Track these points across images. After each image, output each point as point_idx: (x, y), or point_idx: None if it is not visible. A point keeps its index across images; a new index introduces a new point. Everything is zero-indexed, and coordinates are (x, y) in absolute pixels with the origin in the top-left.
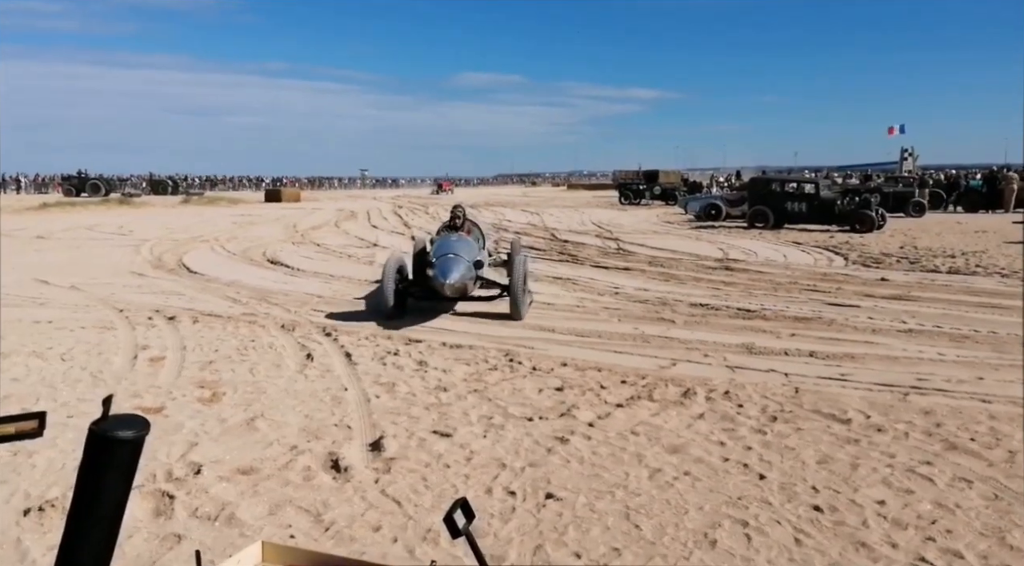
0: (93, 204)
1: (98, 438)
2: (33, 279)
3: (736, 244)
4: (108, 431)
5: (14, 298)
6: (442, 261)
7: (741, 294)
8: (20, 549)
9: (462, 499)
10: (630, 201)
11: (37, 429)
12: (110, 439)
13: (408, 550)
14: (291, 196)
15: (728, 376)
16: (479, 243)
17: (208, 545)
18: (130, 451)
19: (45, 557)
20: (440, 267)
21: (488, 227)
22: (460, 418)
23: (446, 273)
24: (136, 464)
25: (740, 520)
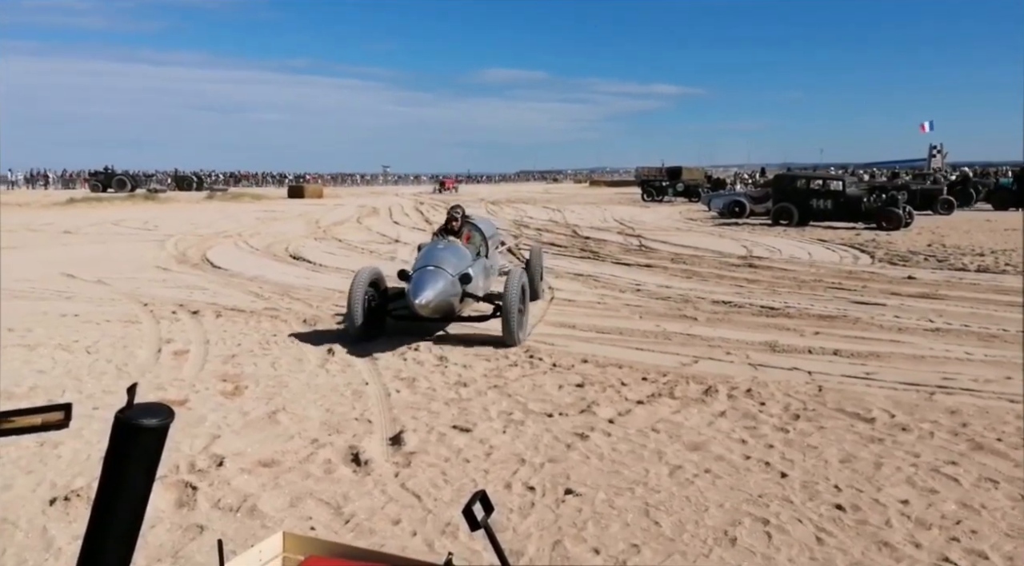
0: (119, 200)
1: (123, 426)
2: (60, 273)
3: (760, 241)
4: (133, 419)
5: (41, 291)
6: (418, 275)
7: (765, 292)
8: (46, 538)
9: (481, 492)
10: (653, 198)
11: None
12: (135, 427)
13: (427, 543)
14: (314, 192)
15: (750, 374)
16: (477, 251)
17: (230, 536)
18: (155, 439)
19: (71, 546)
20: (414, 282)
21: (497, 230)
22: (480, 413)
23: (418, 290)
24: (161, 452)
25: (761, 518)
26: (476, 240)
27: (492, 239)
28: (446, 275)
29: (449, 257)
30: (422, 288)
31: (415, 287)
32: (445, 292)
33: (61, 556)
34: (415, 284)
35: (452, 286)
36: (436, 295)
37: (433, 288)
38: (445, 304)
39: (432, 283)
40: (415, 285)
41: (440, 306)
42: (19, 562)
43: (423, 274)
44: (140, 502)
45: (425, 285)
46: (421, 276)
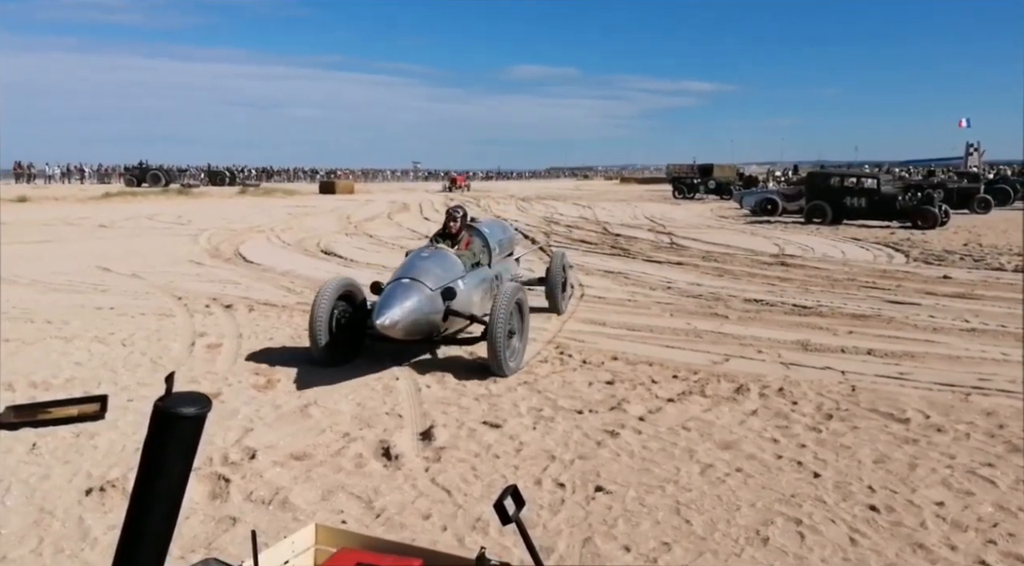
0: (153, 194)
1: (162, 414)
2: (96, 266)
3: (792, 240)
4: (172, 407)
5: (78, 284)
6: (389, 289)
7: (797, 290)
8: (82, 527)
9: (512, 487)
10: (684, 195)
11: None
12: (174, 415)
13: (457, 538)
14: (345, 188)
15: (782, 373)
16: (477, 260)
17: (262, 528)
18: (193, 427)
19: (106, 535)
20: (382, 299)
21: (511, 236)
22: (510, 409)
23: (384, 308)
24: (198, 440)
25: (793, 518)
26: (476, 247)
27: (502, 245)
28: (423, 289)
29: (432, 267)
30: (389, 305)
31: (381, 304)
32: (419, 310)
33: (97, 546)
34: (382, 300)
35: (430, 302)
36: (406, 314)
37: (402, 306)
38: (421, 324)
39: (403, 299)
40: (382, 301)
41: (414, 326)
42: (56, 551)
43: (395, 288)
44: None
45: (394, 302)
46: (392, 290)
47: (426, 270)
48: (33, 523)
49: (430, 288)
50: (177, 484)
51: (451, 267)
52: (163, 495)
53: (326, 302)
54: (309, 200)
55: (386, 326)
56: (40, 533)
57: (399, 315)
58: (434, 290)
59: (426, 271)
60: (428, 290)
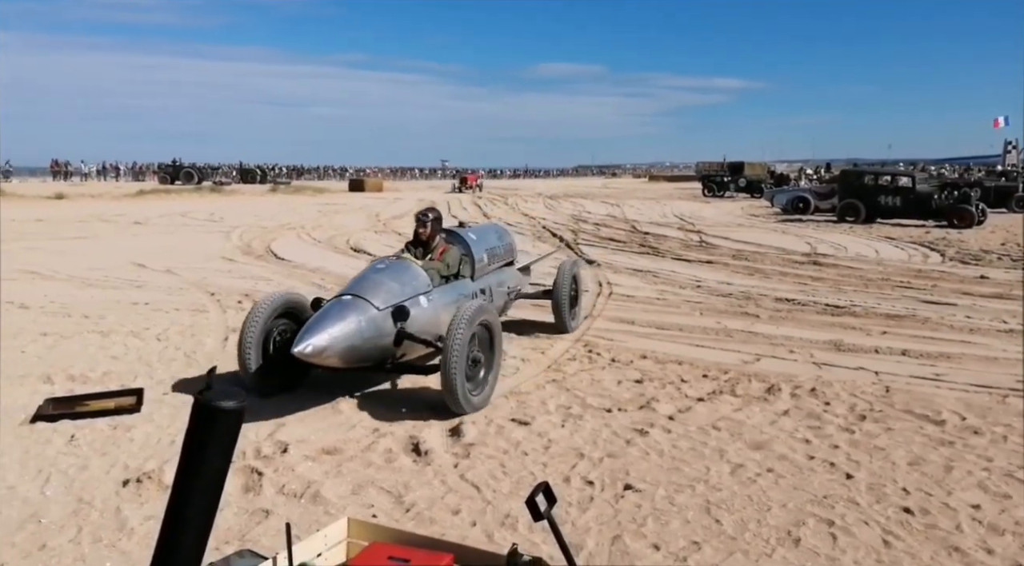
0: (186, 192)
1: (202, 407)
2: (131, 262)
3: (825, 238)
4: (212, 401)
5: (113, 280)
6: (325, 309)
7: (829, 290)
8: (119, 518)
9: (544, 483)
10: (714, 193)
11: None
12: (214, 409)
13: (487, 534)
14: (374, 186)
15: (815, 373)
16: (455, 273)
17: (294, 521)
18: (231, 420)
19: (143, 526)
20: (310, 320)
21: (505, 243)
22: (538, 407)
23: (307, 333)
24: (237, 433)
25: (825, 519)
26: (452, 257)
27: (493, 253)
28: (366, 309)
29: (385, 282)
30: (315, 329)
31: (306, 327)
32: (358, 334)
33: (133, 536)
34: (309, 323)
35: (373, 325)
36: (337, 340)
37: (332, 330)
38: (361, 350)
39: (336, 321)
40: (308, 324)
41: (351, 353)
42: (95, 541)
43: (330, 308)
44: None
45: (323, 324)
46: (326, 311)
47: (376, 285)
48: (72, 513)
49: (376, 307)
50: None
51: (410, 281)
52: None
53: (260, 320)
54: (339, 198)
55: (306, 354)
56: (79, 523)
57: (326, 341)
58: (382, 309)
59: (375, 286)
60: (373, 310)
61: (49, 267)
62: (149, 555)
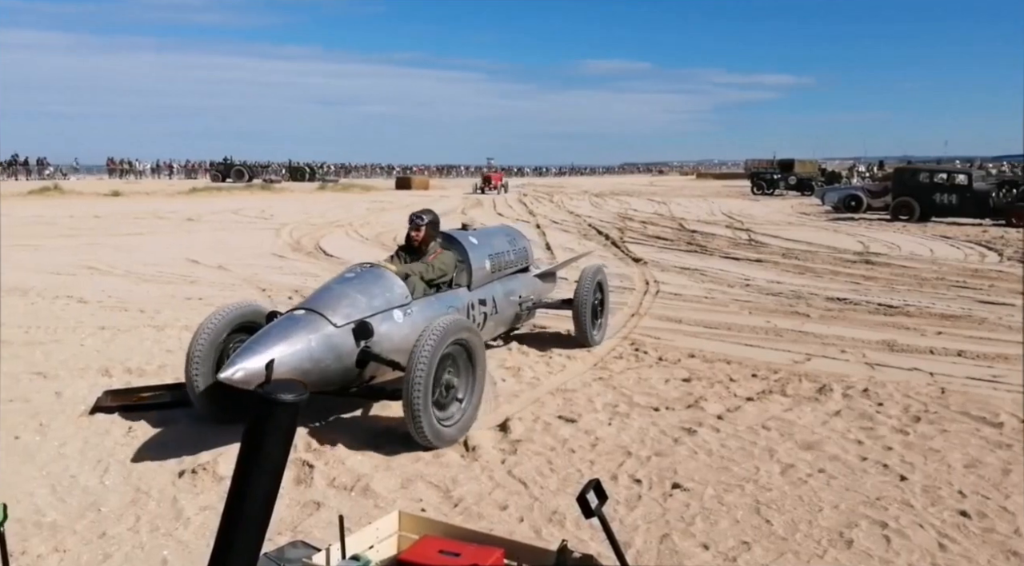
0: (237, 189)
1: (262, 400)
2: (185, 259)
3: (877, 237)
4: (271, 393)
5: (168, 275)
6: (267, 327)
7: (882, 289)
8: (176, 507)
9: (595, 481)
10: (763, 191)
11: None
12: (273, 401)
13: (535, 530)
14: (420, 184)
15: (867, 373)
16: (440, 278)
17: (345, 514)
18: (291, 412)
19: (198, 515)
20: (248, 340)
21: (518, 247)
22: (585, 405)
23: (240, 355)
24: (295, 425)
25: (879, 521)
26: (443, 263)
27: (498, 260)
28: (320, 326)
29: (349, 294)
30: (250, 350)
31: (242, 348)
32: (306, 356)
33: (190, 525)
34: (247, 343)
35: (327, 344)
36: (275, 363)
37: (271, 351)
38: (309, 374)
39: (278, 341)
40: (245, 345)
41: (299, 377)
42: (152, 529)
43: (277, 324)
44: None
45: (262, 344)
46: (271, 328)
47: (337, 298)
48: (131, 502)
49: (333, 323)
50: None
51: (381, 293)
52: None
53: (209, 335)
54: (386, 195)
55: (235, 380)
56: (137, 511)
57: (262, 365)
58: (340, 326)
59: (336, 299)
60: (329, 326)
61: (106, 262)
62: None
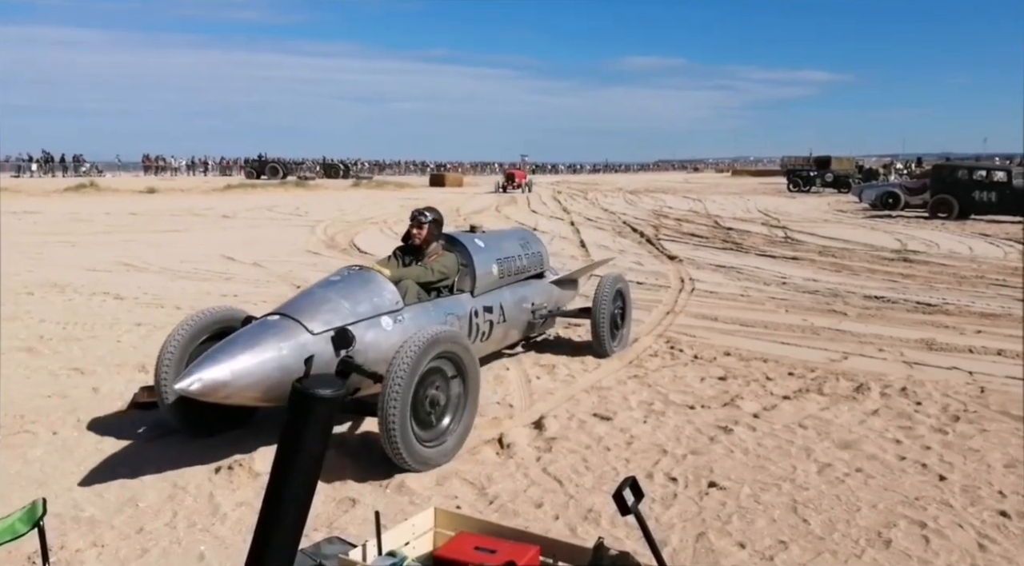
0: (272, 186)
1: (301, 394)
2: (220, 255)
3: (916, 235)
4: (310, 388)
5: (204, 272)
6: (237, 333)
7: (921, 287)
8: (212, 503)
9: (631, 478)
10: (799, 188)
11: None
12: (312, 396)
13: (570, 528)
14: (454, 181)
15: (905, 372)
16: (439, 282)
17: (381, 510)
18: (328, 407)
19: (235, 511)
20: (212, 348)
21: (532, 247)
22: (620, 402)
23: (199, 364)
24: (333, 420)
25: (917, 521)
26: (444, 266)
27: (507, 264)
28: (295, 334)
29: (332, 298)
30: (214, 359)
31: (204, 355)
32: (276, 366)
33: (227, 521)
34: (212, 349)
35: (301, 353)
36: (239, 374)
37: (236, 361)
38: (282, 386)
39: (245, 349)
40: (211, 351)
41: (265, 390)
42: (189, 525)
43: (245, 331)
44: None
45: (226, 353)
46: (239, 335)
47: (318, 302)
48: (167, 498)
49: (309, 331)
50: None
51: (368, 298)
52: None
53: (180, 342)
54: (420, 192)
55: (192, 392)
56: (174, 507)
57: (225, 375)
58: (317, 333)
59: (316, 304)
60: (305, 334)
61: (143, 259)
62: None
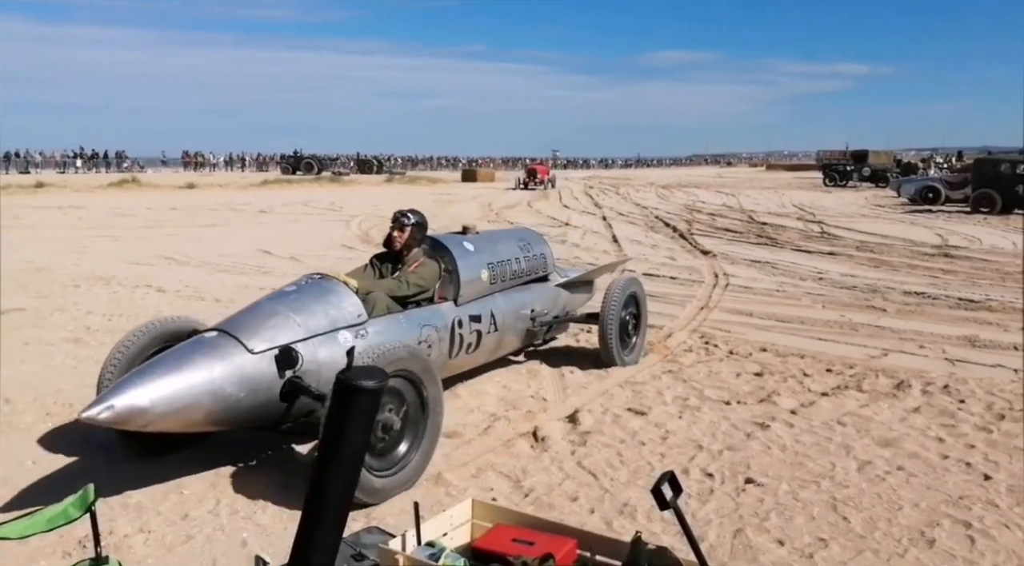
0: (307, 181)
1: (344, 385)
2: (257, 250)
3: (957, 230)
4: (353, 379)
5: (242, 266)
6: (162, 354)
7: (962, 283)
8: (254, 491)
9: (669, 473)
10: (835, 183)
11: None
12: (354, 387)
13: (605, 522)
14: (485, 176)
15: (947, 369)
16: (417, 290)
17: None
18: (371, 398)
19: (276, 499)
20: (134, 370)
21: (535, 249)
22: (654, 397)
23: (113, 389)
24: (376, 410)
25: (962, 521)
26: (421, 279)
27: (499, 269)
28: (231, 353)
29: (281, 312)
30: (132, 382)
31: (124, 379)
32: (207, 389)
33: (268, 509)
34: (132, 373)
35: (237, 375)
36: (159, 400)
37: (155, 385)
38: (213, 412)
39: (169, 372)
40: (129, 375)
41: (193, 417)
42: (232, 512)
43: (179, 349)
44: (358, 454)
45: (146, 376)
46: (165, 355)
47: (263, 316)
48: (211, 486)
49: (249, 349)
50: (357, 450)
51: (323, 310)
52: (345, 459)
53: (124, 358)
54: (452, 188)
55: (101, 420)
56: (217, 495)
57: (144, 401)
58: (257, 352)
59: (260, 319)
60: (243, 353)
61: (183, 253)
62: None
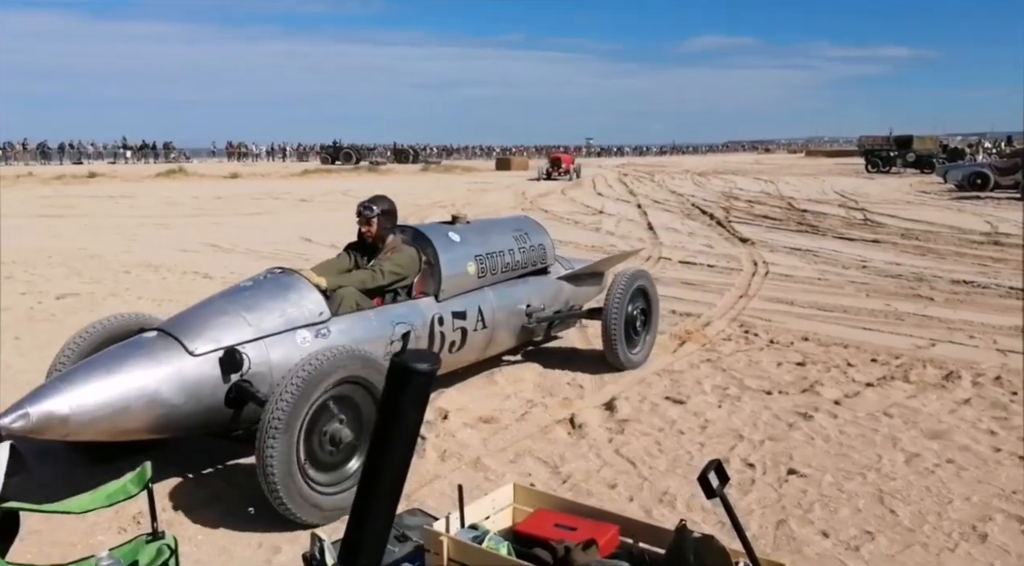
0: (346, 171)
1: (398, 368)
2: (299, 237)
3: (1007, 217)
4: (407, 362)
5: (284, 254)
6: (93, 357)
7: (1013, 272)
8: None
9: (716, 461)
10: (878, 169)
11: None
12: (409, 369)
13: (644, 510)
14: (519, 165)
15: (999, 360)
16: (392, 283)
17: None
18: (424, 380)
19: None
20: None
21: (533, 240)
22: (693, 386)
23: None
24: (428, 392)
25: (1016, 516)
26: (397, 266)
27: (488, 262)
28: (170, 356)
29: (232, 311)
30: (56, 387)
31: (46, 384)
32: (139, 395)
33: None
34: (56, 377)
35: (175, 379)
36: (84, 407)
37: (81, 390)
38: (150, 419)
39: (98, 376)
40: (52, 380)
41: (125, 424)
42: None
43: (112, 351)
44: (412, 434)
45: (71, 380)
46: (102, 356)
47: (210, 315)
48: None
49: (189, 351)
50: (411, 430)
51: (280, 308)
52: (399, 439)
53: (75, 350)
54: (486, 176)
55: (16, 429)
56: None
57: (64, 408)
58: (199, 354)
59: (205, 318)
60: (183, 356)
61: (228, 240)
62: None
